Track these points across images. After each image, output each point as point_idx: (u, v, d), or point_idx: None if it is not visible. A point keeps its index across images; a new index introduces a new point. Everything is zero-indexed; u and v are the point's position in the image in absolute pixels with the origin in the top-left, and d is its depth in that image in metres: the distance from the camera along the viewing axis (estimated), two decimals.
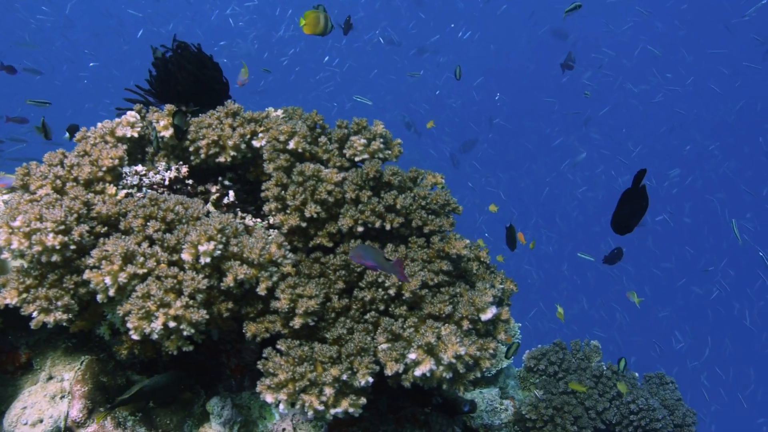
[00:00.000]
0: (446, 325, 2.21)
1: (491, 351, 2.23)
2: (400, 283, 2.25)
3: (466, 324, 2.24)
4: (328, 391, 2.04)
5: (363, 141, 2.59)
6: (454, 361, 2.09)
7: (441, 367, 2.12)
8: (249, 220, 2.82)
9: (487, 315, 2.25)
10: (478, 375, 2.22)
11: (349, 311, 2.32)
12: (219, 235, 2.19)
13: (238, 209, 2.81)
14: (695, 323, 17.90)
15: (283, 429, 2.53)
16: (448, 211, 2.60)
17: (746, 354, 17.55)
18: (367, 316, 2.28)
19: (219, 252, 2.17)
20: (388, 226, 2.44)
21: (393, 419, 2.72)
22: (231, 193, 2.78)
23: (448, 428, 2.91)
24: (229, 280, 2.17)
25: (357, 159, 2.61)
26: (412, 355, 2.10)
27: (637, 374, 4.70)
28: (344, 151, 2.62)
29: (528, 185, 20.82)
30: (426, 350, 2.11)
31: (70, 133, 3.40)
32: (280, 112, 2.93)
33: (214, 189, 2.84)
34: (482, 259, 2.60)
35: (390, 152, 2.70)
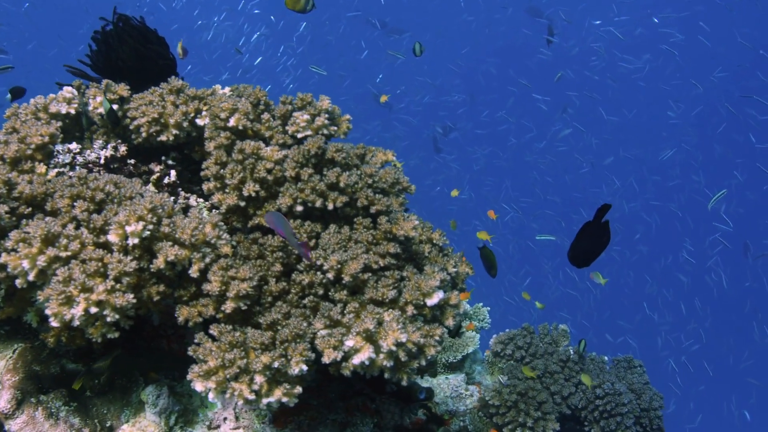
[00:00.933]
0: (390, 311, 2.08)
1: (437, 338, 2.10)
2: (339, 266, 2.11)
3: (410, 309, 2.11)
4: (259, 379, 1.91)
5: (306, 117, 2.44)
6: (394, 348, 1.96)
7: (381, 355, 1.98)
8: (193, 201, 2.67)
9: (433, 300, 2.11)
10: (423, 363, 2.09)
11: (287, 295, 2.19)
12: (150, 215, 2.05)
13: (181, 189, 2.67)
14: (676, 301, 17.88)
15: (225, 418, 2.40)
16: (399, 191, 2.47)
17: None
18: (306, 301, 2.15)
19: (148, 232, 2.03)
20: (330, 206, 2.30)
21: (343, 408, 2.59)
22: (173, 172, 2.63)
23: (402, 417, 2.79)
24: (159, 262, 2.03)
25: (300, 136, 2.46)
26: (349, 342, 1.97)
27: (606, 358, 4.61)
28: (287, 128, 2.48)
29: (510, 169, 20.58)
30: (365, 337, 1.98)
31: (12, 95, 3.21)
32: (227, 89, 2.78)
33: (157, 169, 2.69)
34: (435, 241, 2.46)
35: (337, 128, 2.56)
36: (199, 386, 1.92)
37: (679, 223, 18.91)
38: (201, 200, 2.64)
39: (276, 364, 1.93)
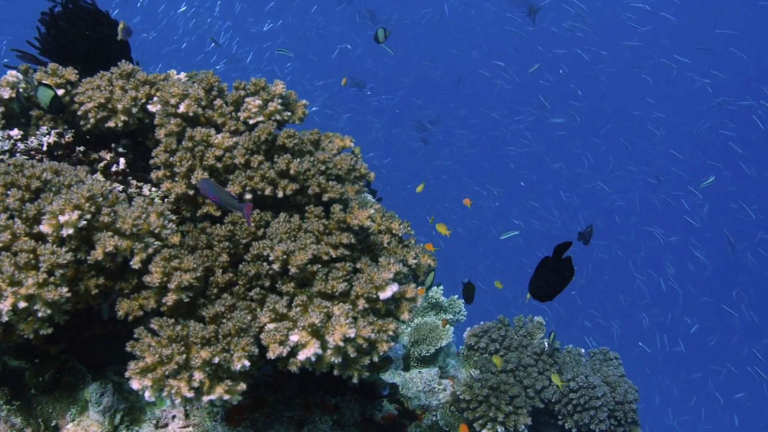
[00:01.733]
0: (340, 304, 1.97)
1: (391, 333, 1.99)
2: (285, 257, 1.99)
3: (362, 303, 2.00)
4: (198, 375, 1.79)
5: (258, 102, 2.32)
6: (342, 344, 1.85)
7: (329, 351, 1.87)
8: (146, 190, 2.55)
9: (386, 293, 2.00)
10: (376, 359, 1.98)
11: (234, 287, 2.07)
12: (87, 204, 1.92)
13: (133, 178, 2.54)
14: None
15: (173, 416, 2.29)
16: (356, 178, 2.35)
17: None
18: (252, 293, 2.03)
19: (85, 222, 1.90)
20: (280, 194, 2.18)
21: (301, 404, 2.48)
22: (122, 160, 2.51)
23: (365, 412, 2.69)
24: (97, 253, 1.90)
25: (252, 122, 2.33)
26: (294, 337, 1.85)
27: (583, 350, 4.52)
28: (239, 114, 2.35)
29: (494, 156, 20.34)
30: (311, 332, 1.86)
31: None
32: (183, 75, 2.65)
33: (108, 157, 2.56)
34: (394, 232, 2.35)
35: (291, 114, 2.44)
36: (135, 384, 1.80)
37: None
38: (155, 189, 2.51)
39: (217, 360, 1.81)
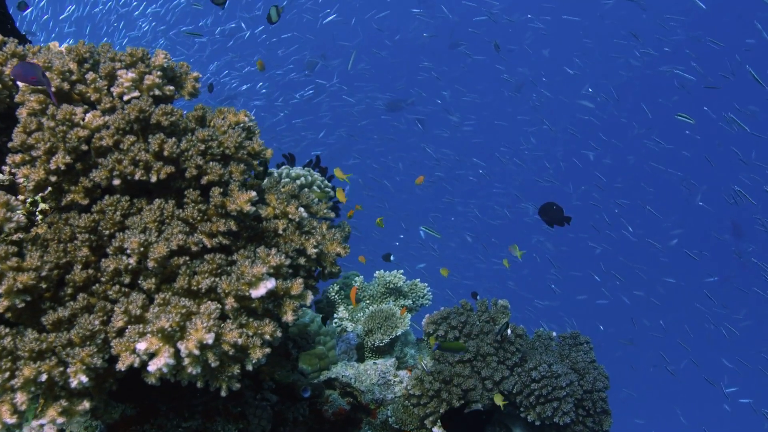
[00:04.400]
0: (208, 303, 1.65)
1: (267, 336, 1.67)
2: (142, 249, 1.67)
3: (230, 302, 1.67)
4: (21, 397, 1.48)
5: (131, 75, 1.98)
6: (197, 352, 1.53)
7: (186, 360, 1.56)
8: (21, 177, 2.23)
9: (259, 291, 1.67)
10: (250, 368, 1.66)
11: (95, 285, 1.75)
12: None
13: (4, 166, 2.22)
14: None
15: None
16: (245, 157, 2.02)
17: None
18: (110, 292, 1.71)
19: None
20: (153, 178, 1.85)
21: (201, 412, 2.17)
22: None
23: (280, 417, 2.38)
24: None
25: (126, 98, 2.00)
26: (141, 345, 1.53)
27: (554, 333, 4.19)
28: (112, 90, 2.02)
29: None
30: (162, 338, 1.55)
31: None
32: (64, 47, 2.32)
33: None
34: (291, 216, 2.02)
35: (175, 89, 2.10)
36: None
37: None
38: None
39: (45, 377, 1.50)
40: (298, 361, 2.57)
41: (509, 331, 3.62)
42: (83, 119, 1.91)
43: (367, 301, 4.11)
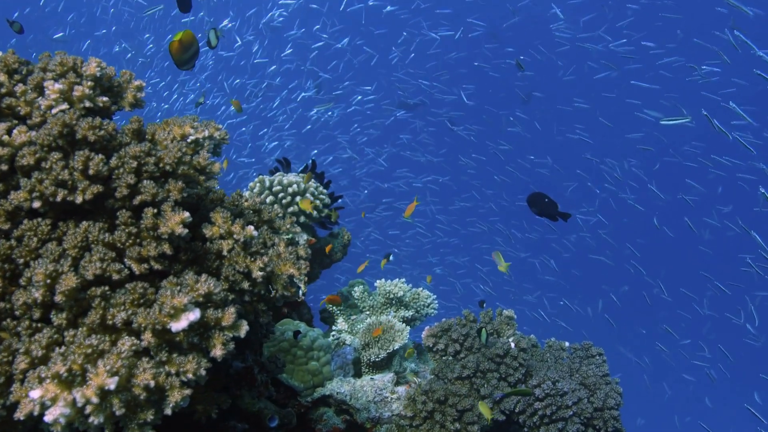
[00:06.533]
0: (123, 340, 1.44)
1: (190, 375, 1.46)
2: (49, 281, 1.47)
3: (148, 337, 1.46)
4: None
5: (59, 87, 1.79)
6: (95, 400, 1.32)
7: (88, 408, 1.35)
8: None
9: (180, 323, 1.45)
10: (168, 412, 1.45)
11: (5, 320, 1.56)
12: None
13: None
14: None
15: None
16: (190, 173, 1.81)
17: None
18: (20, 328, 1.52)
19: None
20: (79, 199, 1.65)
21: None
22: None
23: None
24: None
25: (55, 111, 1.81)
26: (35, 392, 1.33)
27: (567, 344, 3.89)
28: (40, 102, 1.83)
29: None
30: (60, 384, 1.34)
31: None
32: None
33: None
34: (236, 236, 1.80)
35: (109, 100, 1.90)
36: None
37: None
38: None
39: None
40: (267, 386, 2.35)
41: (512, 344, 3.35)
42: (8, 135, 1.73)
43: (367, 312, 3.88)
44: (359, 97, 16.94)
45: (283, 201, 3.55)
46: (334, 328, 3.81)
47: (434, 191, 18.54)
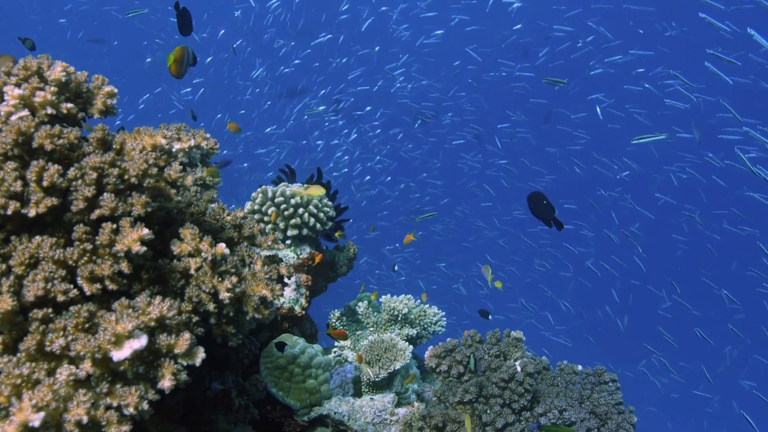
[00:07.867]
0: (63, 368, 1.30)
1: (131, 409, 1.31)
2: None
3: (87, 366, 1.32)
4: None
5: (19, 92, 1.67)
6: None
7: None
8: None
9: (123, 352, 1.31)
10: None
11: None
12: None
13: None
14: None
15: None
16: (154, 187, 1.67)
17: None
18: None
19: None
20: (31, 212, 1.53)
21: None
22: None
23: None
24: None
25: (14, 118, 1.69)
26: None
27: (579, 367, 3.66)
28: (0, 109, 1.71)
29: None
30: None
31: None
32: None
33: None
34: (204, 254, 1.66)
35: (76, 106, 1.77)
36: None
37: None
38: None
39: None
40: (248, 410, 2.21)
41: (519, 368, 3.15)
42: None
43: (371, 329, 3.71)
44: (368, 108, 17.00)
45: (285, 213, 3.41)
46: (336, 344, 3.65)
47: (445, 212, 18.30)
